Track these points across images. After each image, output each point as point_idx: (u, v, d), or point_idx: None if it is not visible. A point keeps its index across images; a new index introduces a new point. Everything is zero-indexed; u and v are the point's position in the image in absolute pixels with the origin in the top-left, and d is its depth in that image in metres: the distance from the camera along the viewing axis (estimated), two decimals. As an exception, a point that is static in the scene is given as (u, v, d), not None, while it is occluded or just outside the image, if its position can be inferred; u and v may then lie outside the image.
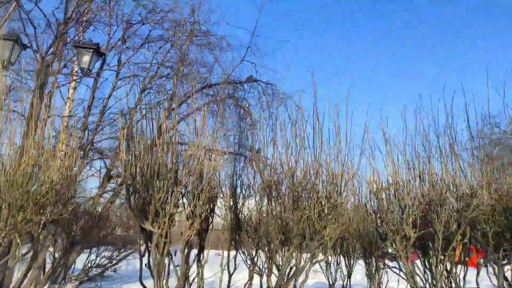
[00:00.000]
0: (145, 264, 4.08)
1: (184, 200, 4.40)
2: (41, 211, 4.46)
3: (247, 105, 12.47)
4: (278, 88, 11.27)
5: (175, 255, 4.35)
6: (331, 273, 6.76)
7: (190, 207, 4.08)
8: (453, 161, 4.53)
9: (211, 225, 4.87)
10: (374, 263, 6.24)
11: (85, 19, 11.46)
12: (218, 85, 12.52)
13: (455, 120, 4.74)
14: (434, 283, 4.42)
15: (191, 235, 4.16)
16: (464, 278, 4.84)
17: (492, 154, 4.86)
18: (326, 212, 4.28)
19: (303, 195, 4.29)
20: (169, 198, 3.89)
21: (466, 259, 5.00)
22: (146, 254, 4.20)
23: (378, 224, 4.67)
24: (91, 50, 6.62)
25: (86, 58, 6.66)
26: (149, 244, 4.06)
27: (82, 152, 10.12)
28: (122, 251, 11.20)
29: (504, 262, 4.41)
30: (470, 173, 4.71)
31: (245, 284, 5.06)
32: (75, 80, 11.53)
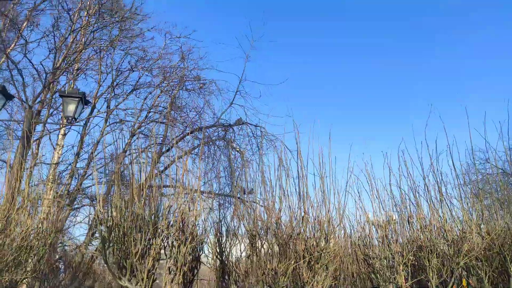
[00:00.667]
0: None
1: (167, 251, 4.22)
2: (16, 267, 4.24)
3: (238, 147, 12.46)
4: (268, 130, 11.30)
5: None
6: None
7: (171, 260, 3.88)
8: (441, 203, 4.44)
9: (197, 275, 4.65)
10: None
11: (76, 67, 11.68)
12: (209, 128, 12.57)
13: (440, 162, 4.71)
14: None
15: (172, 290, 3.92)
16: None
17: (481, 190, 4.78)
18: (314, 261, 4.10)
19: (289, 243, 4.13)
20: (148, 251, 3.70)
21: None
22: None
23: (369, 271, 4.48)
24: (77, 99, 6.63)
25: (71, 107, 6.65)
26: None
27: (67, 199, 9.90)
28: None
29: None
30: (461, 215, 4.61)
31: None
32: (64, 127, 11.51)
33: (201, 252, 4.80)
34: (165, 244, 4.04)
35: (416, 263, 4.38)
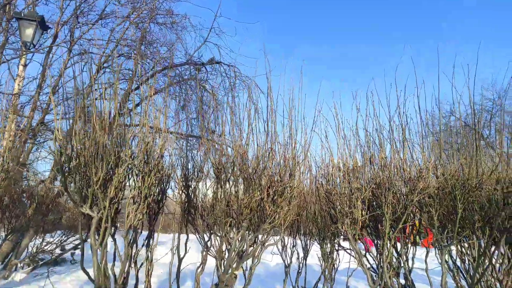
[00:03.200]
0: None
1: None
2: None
3: (210, 87, 12.20)
4: (242, 70, 11.06)
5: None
6: (287, 255, 6.81)
7: (135, 190, 3.88)
8: (403, 144, 4.58)
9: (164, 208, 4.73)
10: (329, 245, 6.33)
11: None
12: (180, 66, 12.14)
13: (408, 105, 4.78)
14: (381, 263, 4.51)
15: (137, 220, 3.97)
16: (412, 258, 4.99)
17: (441, 135, 4.96)
18: (277, 195, 4.22)
19: (254, 178, 4.20)
20: (110, 180, 3.67)
21: (417, 240, 5.15)
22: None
23: (330, 207, 4.69)
24: (35, 23, 6.11)
25: (29, 31, 6.15)
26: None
27: (30, 134, 9.56)
28: (70, 235, 10.84)
29: (446, 244, 4.56)
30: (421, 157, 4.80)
31: (198, 267, 4.97)
32: (24, 55, 10.76)
33: (167, 186, 4.84)
34: (129, 174, 4.02)
35: (374, 199, 4.61)
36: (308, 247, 6.88)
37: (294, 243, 6.88)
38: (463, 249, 4.68)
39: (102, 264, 3.61)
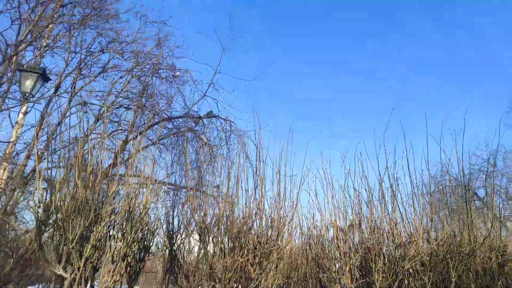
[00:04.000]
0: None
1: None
2: None
3: (208, 140, 12.29)
4: (237, 125, 11.22)
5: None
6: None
7: (114, 249, 3.72)
8: (393, 206, 4.49)
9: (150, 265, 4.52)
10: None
11: (44, 43, 11.13)
12: (178, 118, 12.34)
13: (397, 168, 4.76)
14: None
15: (114, 281, 3.77)
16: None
17: (432, 196, 4.88)
18: (263, 257, 4.05)
19: (240, 238, 4.06)
20: (88, 238, 3.53)
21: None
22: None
23: (318, 271, 4.48)
24: (36, 74, 6.29)
25: (29, 83, 6.31)
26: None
27: (21, 181, 9.44)
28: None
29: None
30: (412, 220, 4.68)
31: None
32: (25, 104, 10.97)
33: (151, 243, 4.67)
34: (110, 232, 3.88)
35: (364, 265, 4.41)
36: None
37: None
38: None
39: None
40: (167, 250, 4.69)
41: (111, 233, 3.93)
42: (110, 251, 3.68)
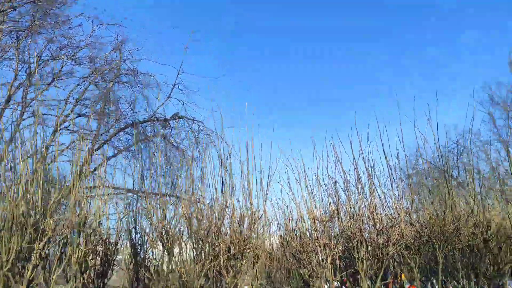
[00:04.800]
0: None
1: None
2: None
3: (175, 143, 11.78)
4: (206, 125, 10.80)
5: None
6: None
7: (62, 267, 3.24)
8: (371, 191, 4.22)
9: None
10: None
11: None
12: (144, 122, 11.78)
13: (372, 151, 4.49)
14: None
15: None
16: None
17: (411, 177, 4.66)
18: (235, 258, 3.67)
19: (205, 242, 3.65)
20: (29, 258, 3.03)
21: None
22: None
23: (299, 266, 4.15)
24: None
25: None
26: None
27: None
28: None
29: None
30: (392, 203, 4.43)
31: None
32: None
33: (114, 256, 4.19)
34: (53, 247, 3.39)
35: (347, 254, 4.12)
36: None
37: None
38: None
39: None
40: (131, 261, 4.22)
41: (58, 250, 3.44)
42: (60, 267, 3.19)
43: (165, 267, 4.21)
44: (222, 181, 4.01)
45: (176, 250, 3.93)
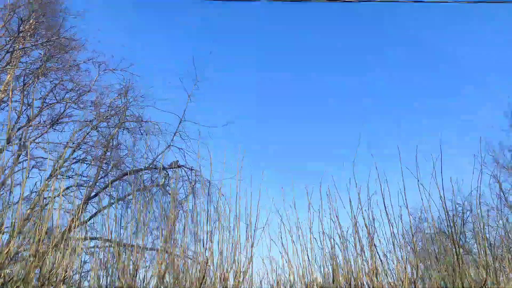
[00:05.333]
0: None
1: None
2: None
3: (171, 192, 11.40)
4: (204, 174, 10.50)
5: None
6: None
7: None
8: (372, 253, 3.80)
9: None
10: None
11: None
12: (141, 171, 11.54)
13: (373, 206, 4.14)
14: None
15: None
16: None
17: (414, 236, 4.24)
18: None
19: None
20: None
21: None
22: None
23: None
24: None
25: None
26: None
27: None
28: None
29: None
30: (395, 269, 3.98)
31: None
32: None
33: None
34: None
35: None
36: None
37: None
38: None
39: None
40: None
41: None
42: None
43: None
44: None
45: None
